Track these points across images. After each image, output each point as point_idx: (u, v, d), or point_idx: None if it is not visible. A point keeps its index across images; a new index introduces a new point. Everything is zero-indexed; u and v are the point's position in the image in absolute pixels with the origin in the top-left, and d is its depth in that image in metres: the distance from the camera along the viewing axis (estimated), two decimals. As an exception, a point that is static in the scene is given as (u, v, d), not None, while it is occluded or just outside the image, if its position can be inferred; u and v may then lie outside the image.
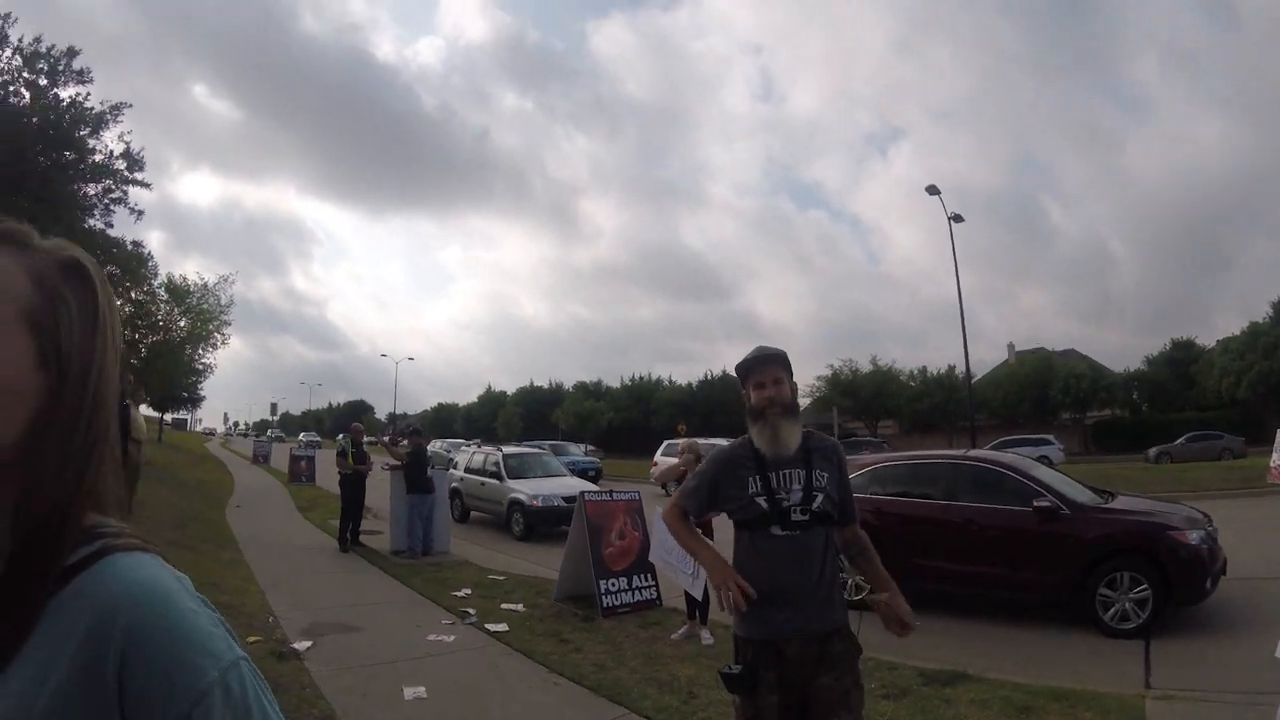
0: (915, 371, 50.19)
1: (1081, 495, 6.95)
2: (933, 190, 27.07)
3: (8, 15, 12.48)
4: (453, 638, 6.17)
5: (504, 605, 7.18)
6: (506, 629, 6.35)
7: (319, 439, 53.64)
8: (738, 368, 2.63)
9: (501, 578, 8.60)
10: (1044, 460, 15.02)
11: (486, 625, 6.48)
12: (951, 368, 46.83)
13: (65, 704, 0.63)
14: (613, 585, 6.86)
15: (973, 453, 8.47)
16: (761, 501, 2.45)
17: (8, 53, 12.46)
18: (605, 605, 6.77)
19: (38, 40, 12.80)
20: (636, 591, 6.96)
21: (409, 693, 4.79)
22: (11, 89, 12.64)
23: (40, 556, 0.67)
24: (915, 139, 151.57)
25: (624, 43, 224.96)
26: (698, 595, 6.18)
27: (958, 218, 27.00)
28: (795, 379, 2.59)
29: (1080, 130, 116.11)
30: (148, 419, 17.24)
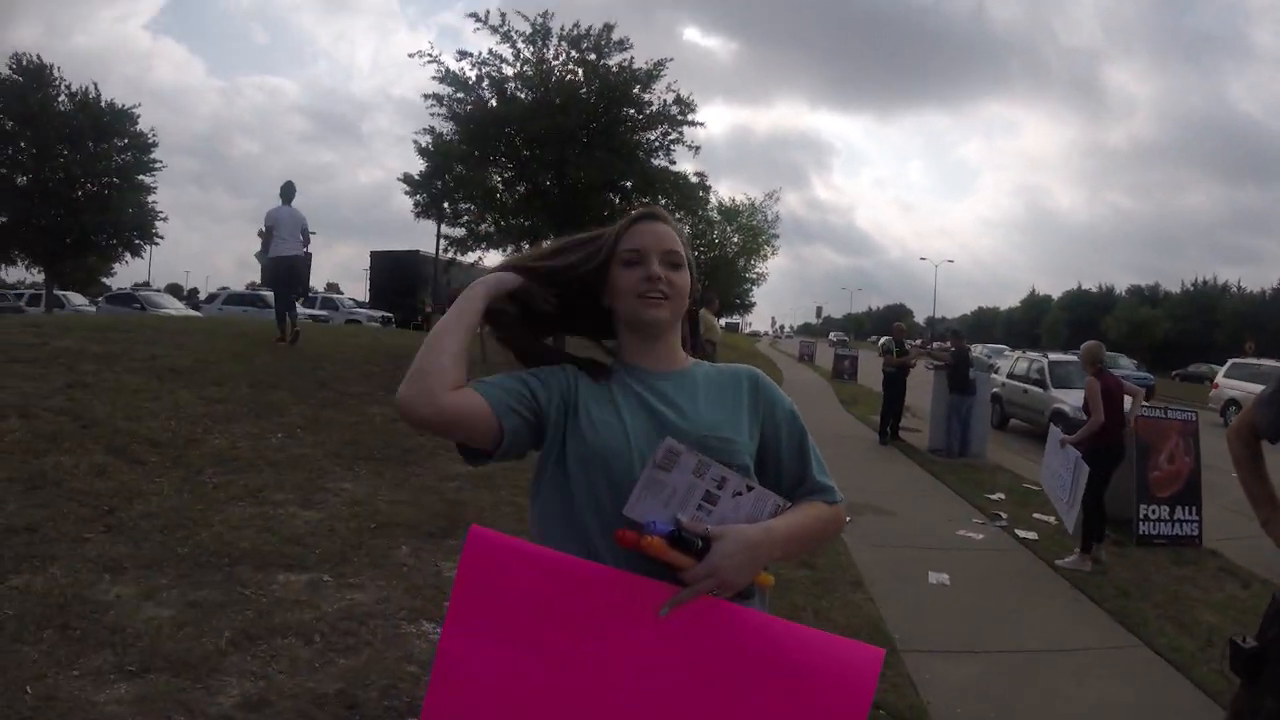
0: None
1: None
2: None
3: (546, 12, 15.28)
4: (981, 536, 6.48)
5: (1036, 515, 7.24)
6: (1036, 538, 6.45)
7: (847, 338, 55.75)
8: None
9: (1037, 488, 8.51)
10: None
11: (1016, 531, 6.65)
12: None
13: (751, 406, 1.39)
14: (1153, 512, 6.43)
15: None
16: None
17: (554, 41, 15.35)
18: (1141, 532, 6.42)
19: (576, 25, 15.48)
20: (1178, 524, 6.43)
21: (933, 577, 5.27)
22: (567, 69, 15.55)
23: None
24: None
25: None
26: (1068, 528, 5.95)
27: None
28: None
29: None
30: (714, 324, 20.29)
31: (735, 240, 33.64)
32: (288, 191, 9.72)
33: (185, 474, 5.27)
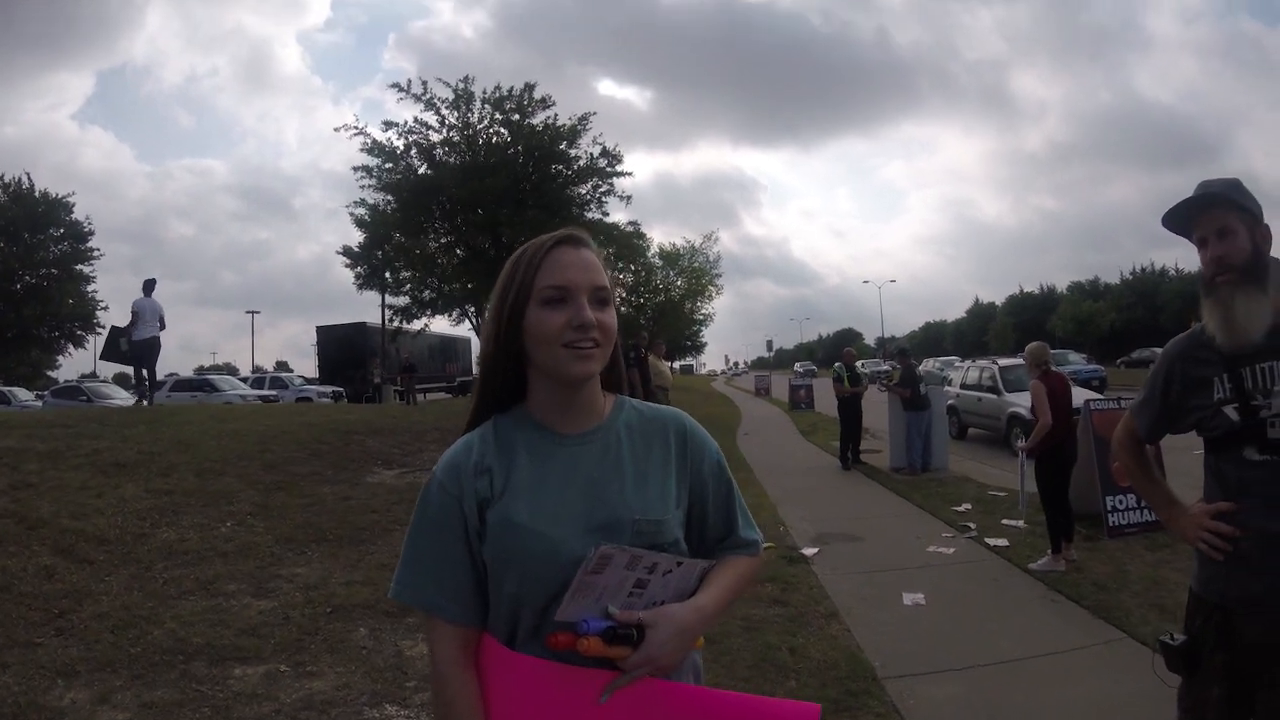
0: None
1: None
2: None
3: (467, 77, 15.83)
4: (952, 550, 6.42)
5: (1004, 521, 7.23)
6: (1007, 544, 6.42)
7: (814, 368, 56.65)
8: (1166, 219, 1.88)
9: (1002, 494, 8.57)
10: None
11: (986, 540, 6.61)
12: None
13: (680, 460, 1.26)
14: (1120, 503, 6.45)
15: None
16: (1230, 412, 1.78)
17: (478, 105, 15.73)
18: (1111, 524, 6.43)
19: (497, 88, 15.90)
20: (1146, 510, 6.42)
21: (908, 599, 5.18)
22: (493, 131, 15.88)
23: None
24: None
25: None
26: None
27: None
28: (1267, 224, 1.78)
29: None
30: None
31: (679, 284, 34.12)
32: (148, 285, 12.60)
33: (135, 570, 5.16)
